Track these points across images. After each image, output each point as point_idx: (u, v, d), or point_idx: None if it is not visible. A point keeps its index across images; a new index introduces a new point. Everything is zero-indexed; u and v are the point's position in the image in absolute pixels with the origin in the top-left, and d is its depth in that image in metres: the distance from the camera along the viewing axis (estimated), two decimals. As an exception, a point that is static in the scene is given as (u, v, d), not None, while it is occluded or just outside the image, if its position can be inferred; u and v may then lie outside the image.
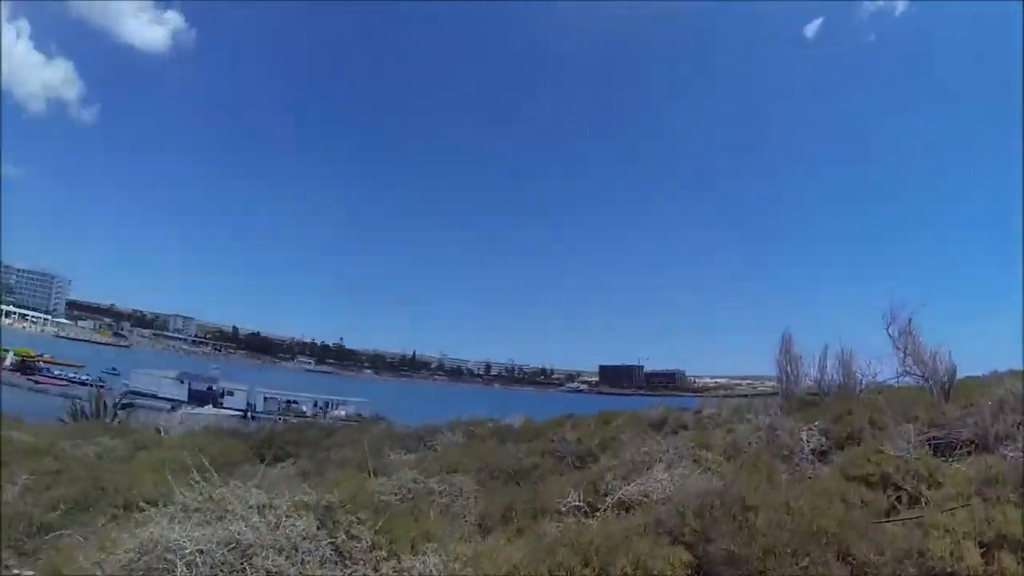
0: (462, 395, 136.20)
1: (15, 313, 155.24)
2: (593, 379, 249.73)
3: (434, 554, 3.96)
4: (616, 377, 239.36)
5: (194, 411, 42.34)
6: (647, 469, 8.77)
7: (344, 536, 4.53)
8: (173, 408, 41.72)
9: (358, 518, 4.87)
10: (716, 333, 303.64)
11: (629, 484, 5.96)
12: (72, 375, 57.41)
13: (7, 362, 58.68)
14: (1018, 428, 6.73)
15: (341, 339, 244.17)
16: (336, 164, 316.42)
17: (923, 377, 9.89)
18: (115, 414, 21.50)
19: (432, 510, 6.04)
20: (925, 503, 5.50)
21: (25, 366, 58.37)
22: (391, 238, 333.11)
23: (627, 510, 5.62)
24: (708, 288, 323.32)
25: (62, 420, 19.86)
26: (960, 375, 10.03)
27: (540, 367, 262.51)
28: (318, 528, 4.58)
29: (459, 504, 6.43)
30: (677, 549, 4.15)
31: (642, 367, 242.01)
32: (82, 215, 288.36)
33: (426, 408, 36.03)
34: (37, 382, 51.67)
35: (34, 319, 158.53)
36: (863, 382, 11.52)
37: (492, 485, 8.06)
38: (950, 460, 6.44)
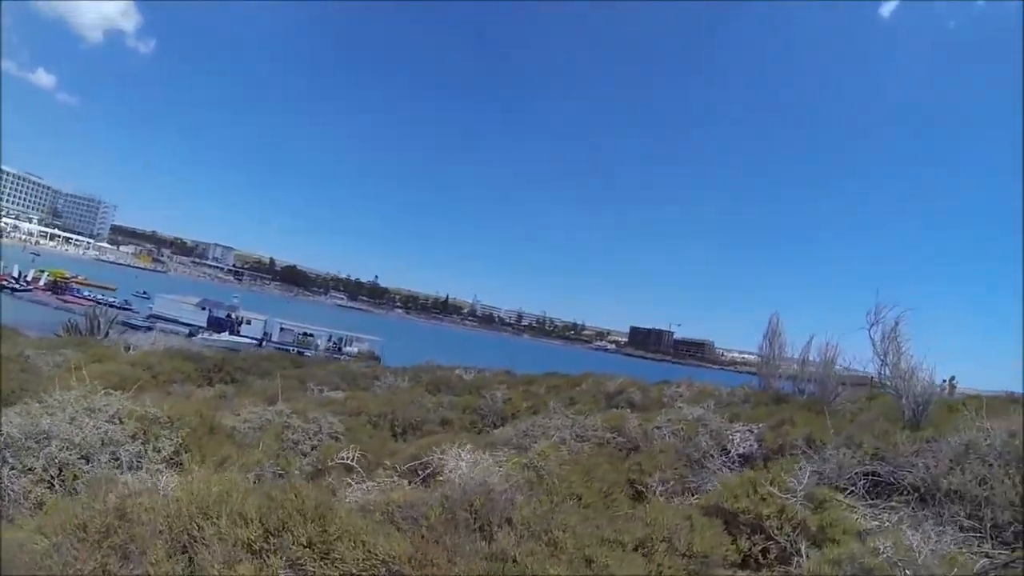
0: (486, 342, 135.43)
1: (59, 236, 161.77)
2: (622, 339, 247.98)
3: (187, 474, 4.54)
4: (645, 340, 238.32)
5: (211, 337, 44.17)
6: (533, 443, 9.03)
7: (151, 448, 5.24)
8: (191, 333, 43.47)
9: (180, 435, 5.59)
10: (756, 308, 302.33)
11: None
12: (100, 297, 59.82)
13: (41, 282, 62.06)
14: (982, 484, 4.96)
15: (376, 277, 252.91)
16: (374, 108, 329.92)
17: (896, 393, 8.33)
18: (107, 333, 22.95)
19: (272, 444, 6.72)
20: (797, 564, 4.31)
21: (57, 286, 61.54)
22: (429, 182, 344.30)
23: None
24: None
25: (57, 335, 21.33)
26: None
27: (572, 322, 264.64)
28: (133, 437, 5.30)
29: (307, 444, 7.04)
30: (398, 538, 3.60)
31: (672, 333, 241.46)
32: (135, 144, 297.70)
33: (445, 352, 36.25)
34: (65, 301, 54.21)
35: (77, 242, 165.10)
36: (840, 388, 10.04)
37: (369, 432, 8.60)
38: (879, 507, 5.16)
